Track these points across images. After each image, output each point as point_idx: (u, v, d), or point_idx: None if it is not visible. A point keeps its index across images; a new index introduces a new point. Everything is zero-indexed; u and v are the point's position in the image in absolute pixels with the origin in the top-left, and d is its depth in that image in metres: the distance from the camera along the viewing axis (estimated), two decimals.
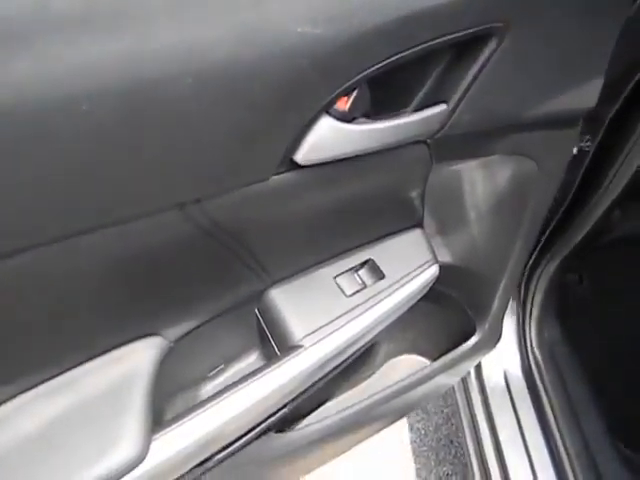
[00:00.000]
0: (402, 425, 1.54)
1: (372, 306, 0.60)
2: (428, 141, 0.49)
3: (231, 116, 0.36)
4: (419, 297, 0.67)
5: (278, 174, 0.42)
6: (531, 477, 1.03)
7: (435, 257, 0.66)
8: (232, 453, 0.65)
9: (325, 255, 0.61)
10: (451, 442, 1.50)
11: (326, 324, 0.58)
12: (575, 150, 0.85)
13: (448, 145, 0.51)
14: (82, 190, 0.34)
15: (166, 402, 0.56)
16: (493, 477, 1.06)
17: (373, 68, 0.39)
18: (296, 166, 0.42)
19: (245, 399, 0.54)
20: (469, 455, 1.12)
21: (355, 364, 0.91)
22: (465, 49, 0.44)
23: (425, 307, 0.90)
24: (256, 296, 0.59)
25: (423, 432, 1.53)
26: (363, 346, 0.64)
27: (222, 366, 0.65)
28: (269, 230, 0.51)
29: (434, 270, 0.65)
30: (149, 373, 0.52)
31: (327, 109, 0.40)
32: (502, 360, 1.16)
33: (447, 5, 0.39)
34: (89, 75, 0.29)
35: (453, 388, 1.26)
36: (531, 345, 1.13)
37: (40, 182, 0.32)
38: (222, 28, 0.33)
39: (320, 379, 0.61)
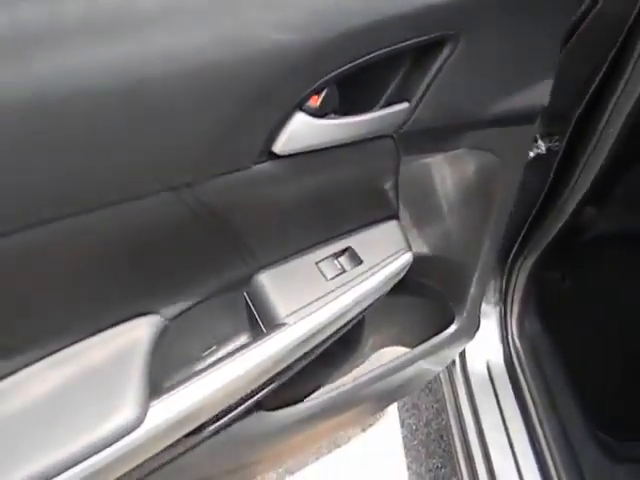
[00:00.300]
0: (394, 421, 1.59)
1: (350, 288, 0.66)
2: (394, 136, 0.56)
3: (216, 110, 0.42)
4: (394, 282, 0.72)
5: (259, 163, 0.48)
6: (512, 462, 1.09)
7: (409, 245, 0.72)
8: (225, 425, 0.71)
9: (308, 243, 0.66)
10: (441, 437, 1.55)
11: (308, 304, 0.63)
12: (544, 149, 0.92)
13: (414, 139, 0.58)
14: (86, 172, 0.40)
15: (163, 377, 0.62)
16: (476, 462, 1.11)
17: (339, 70, 0.45)
18: (275, 156, 0.48)
19: (235, 370, 0.59)
20: (454, 441, 1.18)
21: (343, 355, 0.97)
22: (423, 54, 0.51)
23: (407, 300, 0.96)
24: (245, 280, 0.65)
25: (414, 427, 1.58)
26: (343, 327, 0.70)
27: (215, 347, 0.71)
28: (255, 217, 0.57)
29: (408, 257, 0.71)
30: (147, 347, 0.57)
31: (300, 106, 0.46)
32: (485, 351, 1.21)
33: (403, 15, 0.45)
34: (96, 72, 0.35)
35: (440, 380, 1.31)
36: (512, 337, 1.19)
37: (48, 165, 0.38)
38: (208, 35, 0.39)
39: (303, 356, 0.67)
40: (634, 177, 1.15)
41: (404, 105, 0.52)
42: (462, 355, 1.21)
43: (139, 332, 0.58)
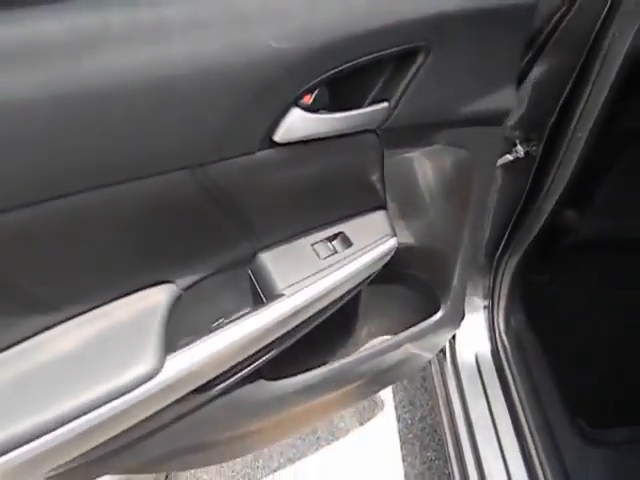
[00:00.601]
0: (390, 416, 1.67)
1: (341, 267, 0.75)
2: (377, 131, 0.65)
3: (227, 104, 0.52)
4: (381, 264, 0.82)
5: (262, 150, 0.58)
6: (497, 448, 1.16)
7: (394, 233, 0.81)
8: (229, 389, 0.80)
9: (305, 227, 0.76)
10: (435, 431, 1.63)
11: (304, 279, 0.73)
12: (522, 153, 1.01)
13: (395, 135, 0.67)
14: (121, 150, 0.50)
15: (177, 338, 0.71)
16: (464, 450, 1.19)
17: (328, 73, 0.55)
18: (275, 144, 0.58)
19: (239, 333, 0.68)
20: (443, 428, 1.25)
21: (338, 342, 1.06)
22: (401, 61, 0.60)
23: (396, 290, 1.06)
24: (249, 259, 0.74)
25: (409, 422, 1.66)
26: (335, 302, 0.79)
27: (223, 319, 0.80)
28: (259, 200, 0.67)
29: (393, 242, 0.80)
30: (164, 311, 0.67)
31: (296, 102, 0.56)
32: (474, 345, 1.29)
33: (382, 28, 0.55)
34: (133, 70, 0.45)
35: (433, 377, 1.39)
36: (499, 332, 1.27)
37: (92, 143, 0.48)
38: (222, 43, 0.49)
39: (299, 326, 0.76)
40: (612, 183, 1.24)
41: (384, 104, 0.62)
42: (452, 348, 1.30)
43: (158, 297, 0.67)
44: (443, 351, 1.32)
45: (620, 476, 1.05)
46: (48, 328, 0.63)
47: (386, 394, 1.72)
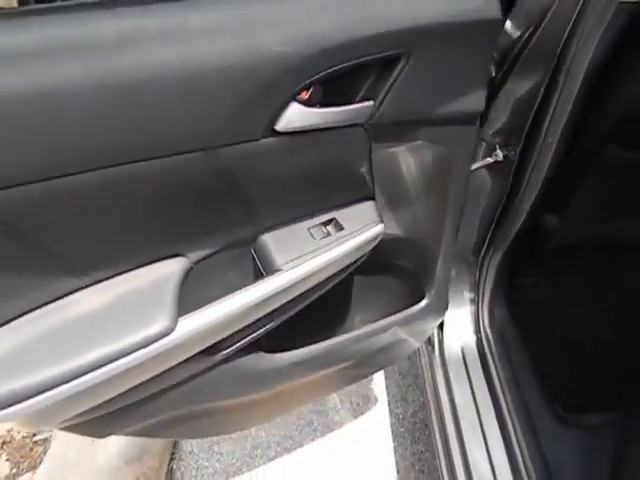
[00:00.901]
0: (383, 411, 1.75)
1: (333, 247, 0.85)
2: (365, 126, 0.76)
3: (236, 97, 0.63)
4: (369, 247, 0.91)
5: (265, 137, 0.68)
6: (479, 431, 1.25)
7: (381, 220, 0.91)
8: (231, 358, 0.89)
9: (302, 212, 0.86)
10: (425, 426, 1.71)
11: (300, 256, 0.83)
12: (501, 157, 1.11)
13: (381, 131, 0.78)
14: (147, 132, 0.60)
15: (188, 303, 0.80)
16: (449, 433, 1.27)
17: (323, 73, 0.66)
18: (277, 133, 0.69)
19: (242, 300, 0.78)
20: (430, 415, 1.34)
21: (332, 325, 1.15)
22: (385, 66, 0.71)
23: (384, 280, 1.15)
24: (252, 240, 0.84)
25: (401, 417, 1.74)
26: (328, 279, 0.89)
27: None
28: (262, 185, 0.77)
29: (380, 228, 0.90)
30: (177, 280, 0.77)
31: (294, 97, 0.66)
32: (461, 337, 1.38)
33: (368, 36, 0.66)
34: (163, 66, 0.56)
35: (424, 375, 1.47)
36: (483, 325, 1.36)
37: (126, 125, 0.59)
38: (234, 45, 0.60)
39: (296, 299, 0.86)
40: (590, 188, 1.34)
41: (370, 103, 0.73)
42: (440, 339, 1.39)
43: (172, 268, 0.77)
44: (432, 343, 1.41)
45: (590, 455, 1.13)
46: (79, 289, 0.73)
47: (380, 390, 1.81)
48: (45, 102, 0.54)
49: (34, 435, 1.61)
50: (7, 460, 1.55)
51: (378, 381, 1.83)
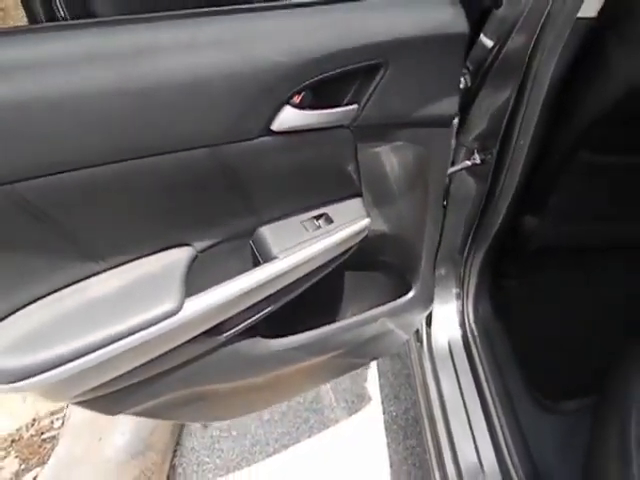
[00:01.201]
0: (377, 409, 1.83)
1: (324, 238, 0.94)
2: (351, 127, 0.86)
3: (238, 101, 0.72)
4: (357, 239, 1.01)
5: (263, 136, 0.78)
6: (465, 419, 1.32)
7: (368, 214, 1.01)
8: (232, 341, 0.97)
9: (296, 207, 0.95)
10: (417, 422, 1.78)
11: (294, 245, 0.92)
12: (479, 160, 1.21)
13: (365, 132, 0.88)
14: (160, 129, 0.70)
15: (194, 287, 0.89)
16: (437, 421, 1.35)
17: (312, 80, 0.76)
18: (273, 133, 0.78)
19: (243, 285, 0.87)
20: (420, 407, 1.41)
21: (324, 315, 1.24)
22: (368, 73, 0.81)
23: (373, 276, 1.24)
24: (250, 232, 0.94)
25: (394, 414, 1.81)
26: (320, 268, 0.98)
27: None
28: (260, 181, 0.86)
29: (367, 221, 1.00)
30: (184, 266, 0.85)
31: (288, 101, 0.76)
32: (447, 332, 1.46)
33: (351, 48, 0.76)
34: (173, 72, 0.66)
35: (414, 374, 1.55)
36: (468, 320, 1.45)
37: (138, 122, 0.68)
38: (237, 56, 0.70)
39: (291, 285, 0.95)
40: (567, 189, 1.44)
41: (355, 106, 0.83)
42: (429, 335, 1.47)
43: (180, 255, 0.86)
44: (421, 339, 1.49)
45: (567, 437, 1.21)
46: (97, 273, 0.82)
47: (374, 389, 1.88)
48: (75, 103, 0.63)
49: (42, 433, 1.68)
50: (16, 457, 1.62)
51: (372, 380, 1.91)
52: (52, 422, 1.71)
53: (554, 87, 1.03)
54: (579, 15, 0.95)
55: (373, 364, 1.95)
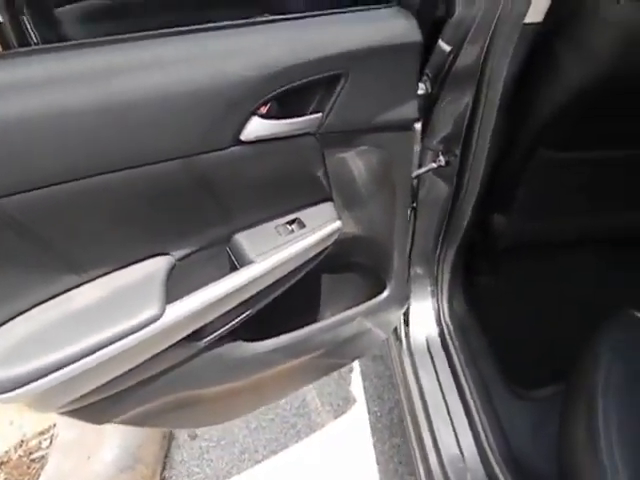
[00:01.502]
0: (362, 410, 1.86)
1: (298, 241, 0.98)
2: (316, 135, 0.91)
3: (209, 113, 0.77)
4: (330, 241, 1.05)
5: (233, 146, 0.82)
6: (445, 410, 1.37)
7: (339, 217, 1.06)
8: (213, 346, 1.01)
9: (269, 214, 1.00)
10: (401, 421, 1.82)
11: (269, 250, 0.96)
12: (444, 162, 1.27)
13: (331, 139, 0.92)
14: (133, 143, 0.74)
15: (174, 294, 0.92)
16: (418, 415, 1.39)
17: (277, 92, 0.80)
18: (242, 142, 0.83)
19: (222, 289, 0.90)
20: (402, 403, 1.46)
21: (302, 318, 1.28)
22: (329, 84, 0.86)
23: (349, 277, 1.29)
24: (227, 239, 0.97)
25: (379, 414, 1.85)
26: (295, 270, 1.02)
27: None
28: (233, 190, 0.91)
29: (338, 224, 1.04)
30: (163, 274, 0.89)
31: (255, 112, 0.81)
32: (425, 329, 1.51)
33: (311, 61, 0.81)
34: (144, 89, 0.71)
35: (396, 374, 1.60)
36: (444, 317, 1.50)
37: (114, 137, 0.72)
38: (208, 71, 0.75)
39: (269, 287, 0.99)
40: (531, 188, 1.50)
41: (319, 115, 0.88)
42: (407, 333, 1.51)
43: (159, 264, 0.89)
44: (399, 337, 1.53)
45: (540, 422, 1.26)
46: (79, 285, 0.85)
47: (358, 392, 1.92)
48: (53, 122, 0.67)
49: (30, 454, 1.68)
50: (5, 479, 1.62)
51: (356, 383, 1.95)
52: (40, 442, 1.71)
53: (509, 90, 1.09)
54: (527, 21, 1.01)
55: (356, 367, 1.99)
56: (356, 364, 2.02)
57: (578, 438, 0.99)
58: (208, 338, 0.98)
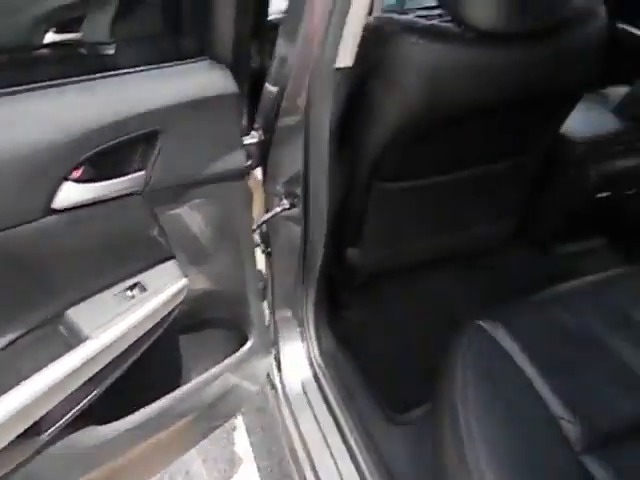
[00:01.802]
0: (251, 468, 1.79)
1: (140, 306, 0.93)
2: (143, 194, 0.87)
3: (13, 184, 0.70)
4: (177, 301, 1.01)
5: (46, 216, 0.76)
6: (326, 448, 1.35)
7: (185, 275, 1.02)
8: (61, 435, 0.90)
9: (105, 282, 0.93)
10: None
11: (107, 322, 0.89)
12: (287, 205, 1.29)
13: (160, 196, 0.90)
14: None
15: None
16: (302, 464, 1.36)
17: (87, 154, 0.76)
18: (55, 211, 0.77)
19: (54, 375, 0.81)
20: (284, 450, 1.42)
21: (163, 384, 1.20)
22: (148, 141, 0.84)
23: (208, 334, 1.25)
24: (58, 317, 0.89)
25: (269, 469, 1.78)
26: (142, 338, 0.95)
27: None
28: (55, 261, 0.83)
29: (184, 282, 1.00)
30: None
31: (66, 177, 0.76)
32: (298, 373, 1.49)
33: (121, 120, 0.78)
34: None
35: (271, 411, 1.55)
36: (315, 356, 1.50)
37: None
38: (5, 139, 0.69)
39: (112, 362, 0.91)
40: (373, 220, 1.58)
41: (142, 173, 0.85)
42: (281, 381, 1.49)
43: None
44: (275, 386, 1.50)
45: (417, 444, 1.29)
46: None
47: (244, 450, 1.84)
48: None
49: None
50: None
51: (242, 441, 1.86)
52: None
53: (335, 130, 1.14)
54: (339, 65, 1.07)
55: (240, 423, 1.91)
56: (240, 419, 1.94)
57: (447, 457, 1.02)
58: (51, 430, 0.87)
